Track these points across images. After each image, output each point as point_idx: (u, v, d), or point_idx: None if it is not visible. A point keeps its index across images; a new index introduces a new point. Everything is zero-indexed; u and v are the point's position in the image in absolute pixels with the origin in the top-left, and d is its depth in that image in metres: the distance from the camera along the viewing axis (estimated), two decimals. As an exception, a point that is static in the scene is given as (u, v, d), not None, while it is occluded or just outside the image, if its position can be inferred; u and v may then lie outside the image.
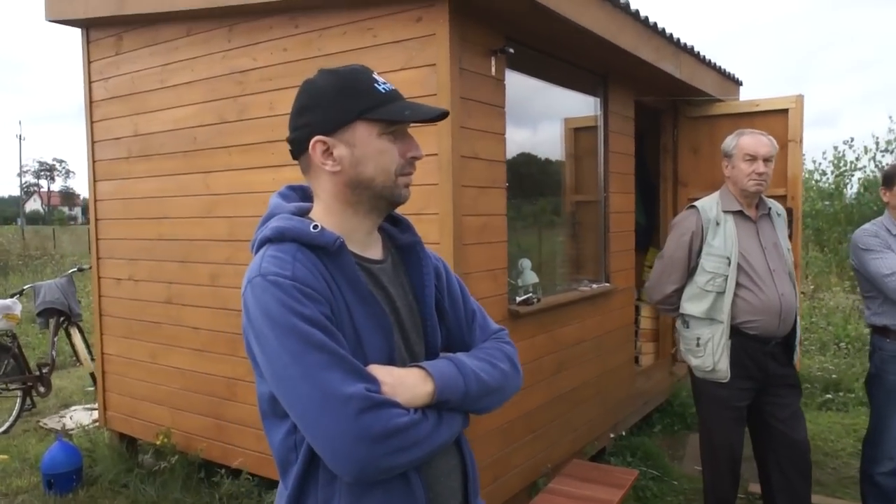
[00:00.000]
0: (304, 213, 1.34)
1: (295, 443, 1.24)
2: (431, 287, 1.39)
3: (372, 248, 1.36)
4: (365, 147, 1.26)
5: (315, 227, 1.24)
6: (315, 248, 1.23)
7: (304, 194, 1.41)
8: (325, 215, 1.31)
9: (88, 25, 4.36)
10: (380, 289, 1.31)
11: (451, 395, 1.24)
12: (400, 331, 1.31)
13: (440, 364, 1.28)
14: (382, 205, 1.33)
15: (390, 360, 1.25)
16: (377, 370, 1.20)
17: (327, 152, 1.28)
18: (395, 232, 1.42)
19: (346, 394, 1.11)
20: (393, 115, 1.26)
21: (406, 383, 1.21)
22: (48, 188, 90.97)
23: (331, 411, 1.11)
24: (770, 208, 3.14)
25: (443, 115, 1.32)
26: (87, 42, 4.40)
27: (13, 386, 5.51)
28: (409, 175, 1.32)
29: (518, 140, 3.67)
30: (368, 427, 1.11)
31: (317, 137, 1.27)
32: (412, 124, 1.32)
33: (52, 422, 5.50)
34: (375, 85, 1.28)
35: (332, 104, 1.27)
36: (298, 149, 1.32)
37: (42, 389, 5.67)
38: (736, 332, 2.98)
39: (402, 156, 1.29)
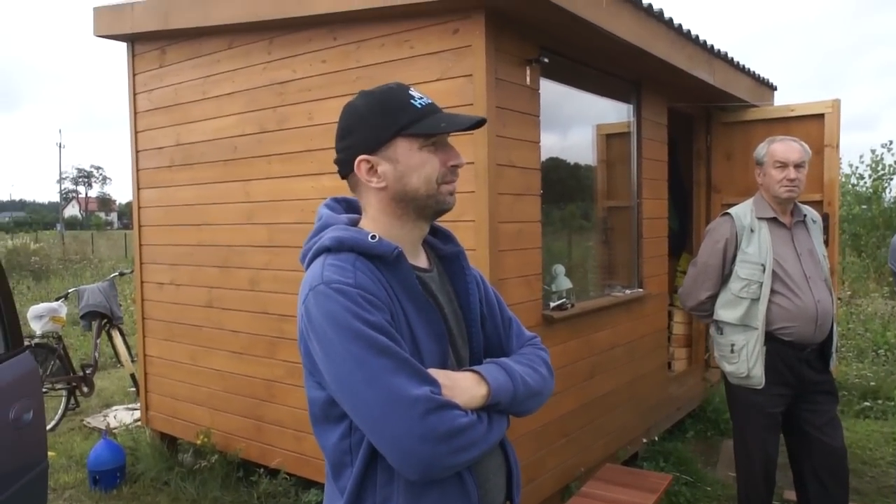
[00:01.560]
0: (354, 225, 1.39)
1: (350, 445, 1.29)
2: (476, 295, 1.45)
3: (420, 258, 1.42)
4: (407, 161, 1.32)
5: (373, 237, 1.30)
6: (372, 258, 1.29)
7: (350, 206, 1.47)
8: (373, 227, 1.36)
9: (134, 39, 4.52)
10: (430, 296, 1.37)
11: (502, 398, 1.30)
12: (448, 337, 1.37)
13: (492, 368, 1.34)
14: (429, 213, 1.37)
15: (443, 365, 1.32)
16: (437, 374, 1.25)
17: (372, 170, 1.34)
18: (437, 242, 1.47)
19: (413, 396, 1.16)
20: (430, 128, 1.31)
21: (463, 386, 1.27)
22: (86, 194, 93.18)
23: (398, 413, 1.16)
24: (805, 215, 3.14)
25: (479, 123, 1.36)
26: (133, 55, 4.56)
27: (59, 385, 5.69)
28: (451, 183, 1.37)
29: (551, 146, 3.71)
30: (434, 427, 1.16)
31: (361, 157, 1.33)
32: (451, 134, 1.38)
33: (95, 420, 5.67)
34: (411, 101, 1.33)
35: (373, 124, 1.33)
36: (345, 169, 1.39)
37: (86, 389, 5.85)
38: (771, 339, 2.98)
39: (443, 165, 1.34)
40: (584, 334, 3.79)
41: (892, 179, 12.78)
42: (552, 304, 3.55)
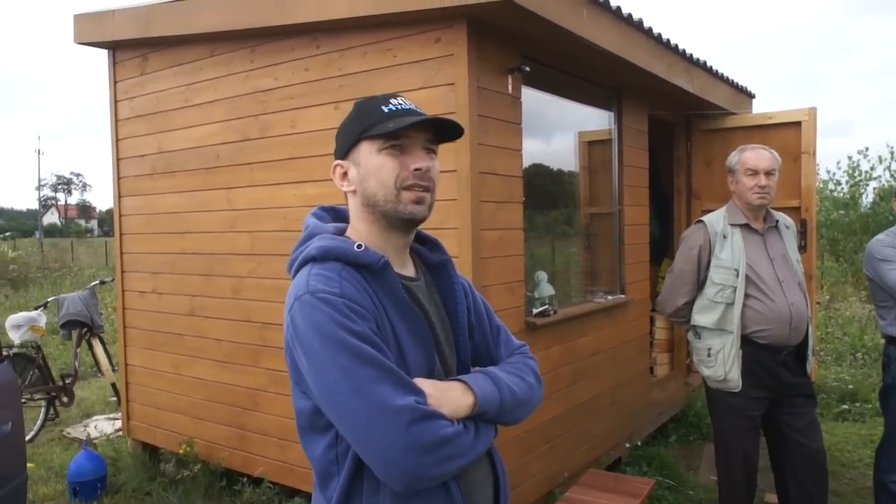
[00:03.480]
0: (340, 234, 1.39)
1: (336, 455, 1.28)
2: (463, 304, 1.45)
3: (406, 267, 1.42)
4: (367, 164, 1.33)
5: (359, 246, 1.30)
6: (358, 267, 1.29)
7: (337, 214, 1.48)
8: (354, 235, 1.37)
9: (115, 47, 4.50)
10: (417, 305, 1.37)
11: (489, 408, 1.30)
12: (436, 346, 1.37)
13: (478, 378, 1.34)
14: (393, 221, 1.34)
15: (430, 375, 1.31)
16: (423, 383, 1.25)
17: (344, 175, 1.38)
18: (425, 251, 1.48)
19: (398, 406, 1.16)
20: (380, 129, 1.29)
21: (450, 396, 1.26)
22: (65, 201, 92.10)
23: (383, 423, 1.15)
24: (778, 221, 3.20)
25: (445, 123, 1.34)
26: (114, 63, 4.54)
27: (38, 396, 5.62)
28: (414, 189, 1.31)
29: (533, 153, 3.74)
30: (419, 438, 1.15)
31: (335, 162, 1.39)
32: (441, 143, 1.38)
33: (75, 431, 5.60)
34: (383, 106, 1.32)
35: (347, 130, 1.38)
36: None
37: (65, 399, 5.78)
38: (747, 342, 3.03)
39: (404, 168, 1.31)
40: (567, 340, 3.81)
41: (868, 185, 13.00)
42: (535, 311, 3.57)
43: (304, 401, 1.30)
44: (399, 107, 1.33)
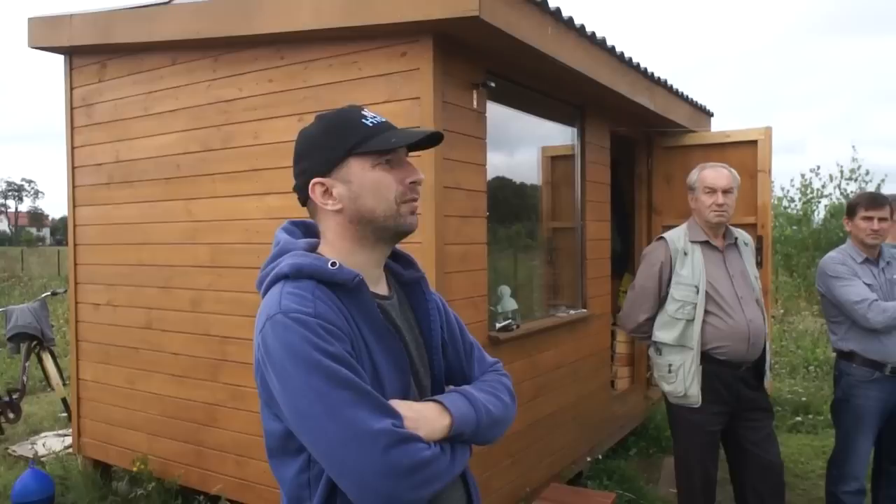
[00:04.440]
0: (312, 250, 1.35)
1: (309, 479, 1.24)
2: (437, 321, 1.43)
3: (380, 285, 1.38)
4: (361, 180, 1.29)
5: (333, 264, 1.25)
6: (332, 286, 1.25)
7: (308, 229, 1.43)
8: (332, 253, 1.33)
9: (72, 52, 4.39)
10: (391, 325, 1.33)
11: (465, 428, 1.28)
12: (410, 366, 1.34)
13: (454, 398, 1.31)
14: (388, 236, 1.34)
15: (405, 396, 1.28)
16: (399, 405, 1.22)
17: (327, 193, 1.31)
18: (398, 268, 1.45)
19: (374, 429, 1.13)
20: (380, 144, 1.28)
21: (426, 417, 1.24)
22: (16, 208, 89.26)
23: (359, 447, 1.12)
24: (737, 238, 3.26)
25: (435, 137, 1.35)
26: (70, 69, 4.42)
27: (-17, 412, 5.41)
28: (412, 202, 1.33)
29: (496, 166, 3.76)
30: (397, 462, 1.13)
31: (315, 180, 1.31)
32: (410, 153, 1.37)
33: (21, 449, 5.39)
34: (363, 120, 1.31)
35: (324, 146, 1.31)
36: (302, 195, 1.35)
37: (11, 416, 5.58)
38: (706, 359, 3.07)
39: (400, 183, 1.31)
40: (530, 355, 3.83)
41: (819, 202, 13.44)
42: (498, 325, 3.58)
43: (275, 423, 1.26)
44: (379, 121, 1.33)
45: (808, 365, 7.69)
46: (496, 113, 3.57)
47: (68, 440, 5.10)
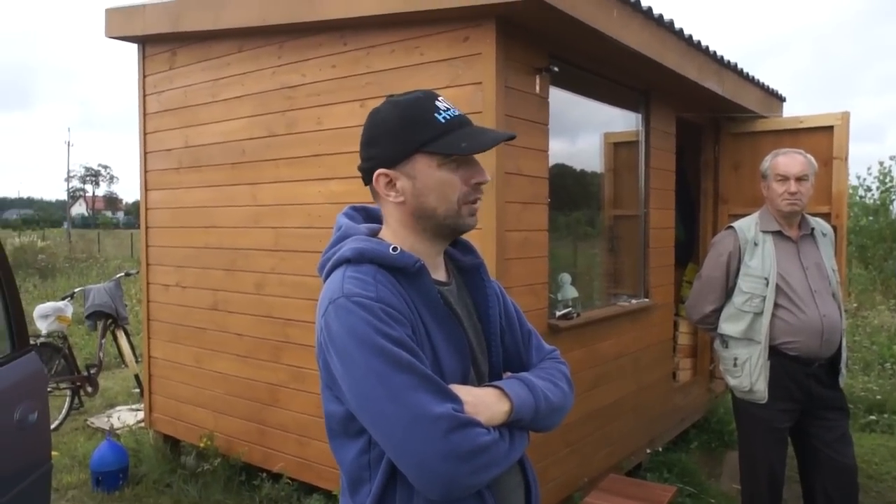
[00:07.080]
0: (373, 235, 1.36)
1: (369, 461, 1.26)
2: (496, 308, 1.42)
3: (439, 271, 1.38)
4: (426, 179, 1.28)
5: (395, 249, 1.26)
6: (393, 270, 1.26)
7: (368, 214, 1.44)
8: (393, 240, 1.33)
9: (145, 41, 4.54)
10: (450, 310, 1.33)
11: (524, 414, 1.28)
12: (469, 351, 1.34)
13: (514, 384, 1.31)
14: (447, 232, 1.34)
15: (464, 381, 1.29)
16: (459, 390, 1.22)
17: (390, 184, 1.30)
18: (457, 254, 1.44)
19: (435, 413, 1.13)
20: (449, 148, 1.26)
21: (486, 403, 1.23)
22: (93, 193, 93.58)
23: (420, 431, 1.13)
24: (813, 228, 3.11)
25: (505, 139, 1.34)
26: (143, 57, 4.58)
27: (63, 385, 5.71)
28: (474, 202, 1.32)
29: (558, 153, 3.70)
30: (457, 446, 1.13)
31: (379, 171, 1.30)
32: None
33: (99, 421, 5.68)
34: (436, 114, 1.28)
35: (394, 138, 1.29)
36: (367, 179, 1.35)
37: (90, 389, 5.86)
38: (776, 353, 2.96)
39: (465, 183, 1.29)
40: (590, 344, 3.77)
41: (899, 192, 12.74)
42: (558, 314, 3.54)
43: (337, 405, 1.27)
44: (452, 115, 1.30)
45: (883, 362, 7.33)
46: (558, 98, 3.50)
47: (140, 415, 5.33)
